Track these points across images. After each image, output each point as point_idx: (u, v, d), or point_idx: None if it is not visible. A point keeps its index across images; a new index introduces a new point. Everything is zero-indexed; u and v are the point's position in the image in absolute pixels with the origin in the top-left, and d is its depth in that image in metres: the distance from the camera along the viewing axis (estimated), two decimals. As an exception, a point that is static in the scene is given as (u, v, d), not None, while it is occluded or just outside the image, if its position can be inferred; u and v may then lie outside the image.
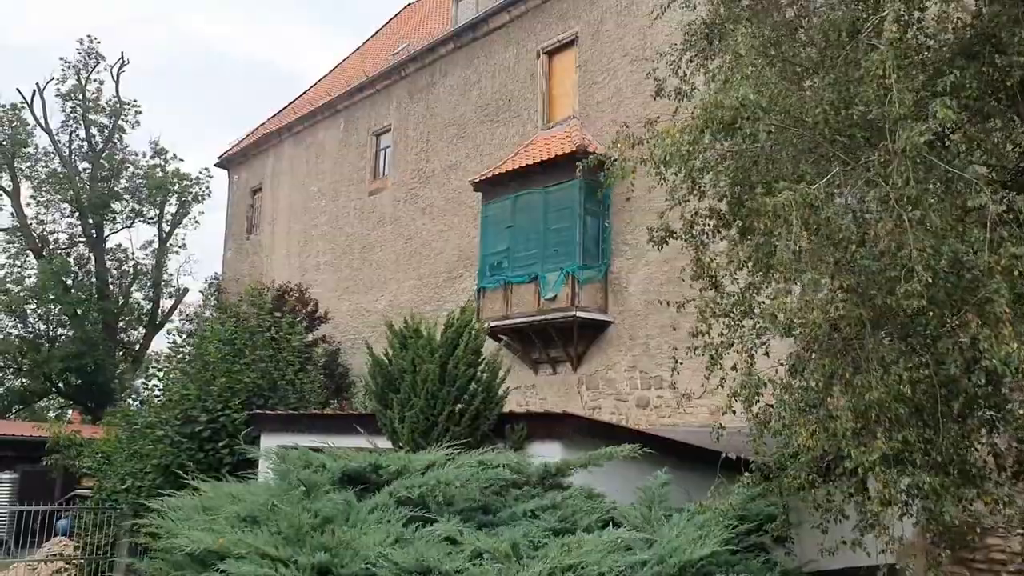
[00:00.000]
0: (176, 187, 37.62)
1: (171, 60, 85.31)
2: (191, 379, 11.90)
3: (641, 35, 19.12)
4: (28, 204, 35.28)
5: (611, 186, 9.30)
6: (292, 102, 35.46)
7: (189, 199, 38.16)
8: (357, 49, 35.72)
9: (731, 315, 9.87)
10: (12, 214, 34.98)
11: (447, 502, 6.55)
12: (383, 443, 8.84)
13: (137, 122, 37.06)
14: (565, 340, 19.28)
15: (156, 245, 37.73)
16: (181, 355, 13.04)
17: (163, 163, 37.93)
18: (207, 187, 38.39)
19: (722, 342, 10.04)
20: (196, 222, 39.54)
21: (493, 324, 20.20)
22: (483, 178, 21.12)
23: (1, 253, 34.68)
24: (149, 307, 37.57)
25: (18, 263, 34.70)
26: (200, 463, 11.00)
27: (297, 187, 31.15)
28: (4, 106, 34.05)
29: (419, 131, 25.54)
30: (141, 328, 37.34)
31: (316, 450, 9.80)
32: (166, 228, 38.07)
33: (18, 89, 50.82)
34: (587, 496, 7.48)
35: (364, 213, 27.45)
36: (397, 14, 35.71)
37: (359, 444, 9.91)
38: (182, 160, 48.95)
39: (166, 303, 37.76)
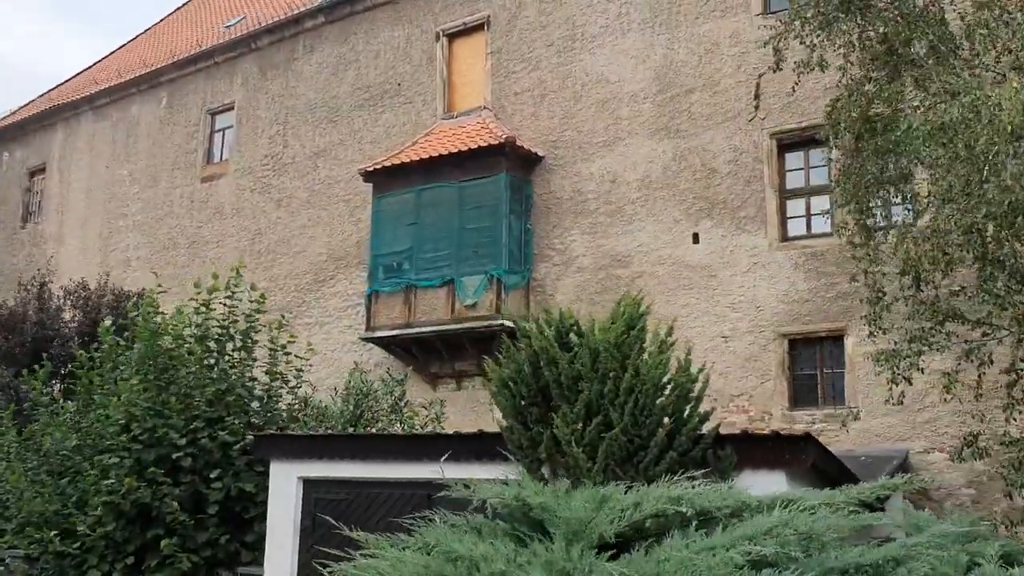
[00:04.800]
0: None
1: None
2: (152, 387, 8.68)
3: (570, 25, 17.78)
4: None
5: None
6: (86, 69, 30.51)
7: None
8: (165, 18, 31.35)
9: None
10: None
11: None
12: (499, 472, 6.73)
13: None
14: (479, 352, 17.30)
15: None
16: (116, 356, 9.65)
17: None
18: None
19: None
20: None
21: (390, 333, 17.93)
22: (377, 167, 18.73)
23: None
24: None
25: None
26: (174, 500, 8.00)
27: (99, 169, 26.56)
28: None
29: (274, 112, 22.48)
30: None
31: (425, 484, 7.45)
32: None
33: None
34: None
35: (195, 203, 23.77)
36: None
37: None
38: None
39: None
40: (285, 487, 8.01)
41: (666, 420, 6.33)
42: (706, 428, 6.43)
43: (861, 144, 9.64)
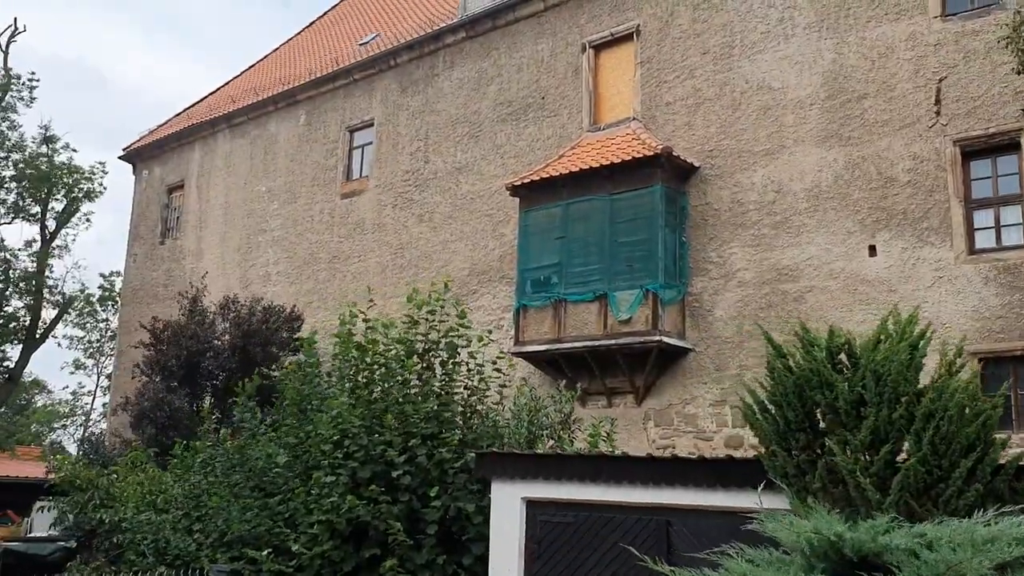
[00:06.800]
0: (66, 180, 32.37)
1: None
2: (362, 403, 8.51)
3: (727, 32, 17.23)
4: None
5: None
6: (221, 88, 31.38)
7: (79, 195, 32.95)
8: (295, 37, 32.00)
9: None
10: None
11: None
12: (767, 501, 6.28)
13: (33, 98, 31.52)
14: (632, 369, 16.88)
15: (38, 246, 32.22)
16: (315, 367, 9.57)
17: (50, 152, 32.59)
18: (100, 183, 33.35)
19: None
20: (87, 221, 34.17)
21: (540, 348, 17.62)
22: (523, 182, 18.50)
23: None
24: (27, 318, 31.90)
25: None
26: (392, 519, 7.76)
27: (237, 186, 27.20)
28: None
29: (414, 128, 22.56)
30: (16, 342, 31.65)
31: (663, 509, 7.05)
32: (51, 227, 32.66)
33: None
34: None
35: (335, 218, 24.04)
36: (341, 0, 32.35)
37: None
38: (75, 151, 42.44)
39: (47, 314, 32.26)
40: (508, 508, 7.71)
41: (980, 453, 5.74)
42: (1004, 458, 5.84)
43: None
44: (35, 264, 32.04)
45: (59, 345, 36.86)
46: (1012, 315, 13.58)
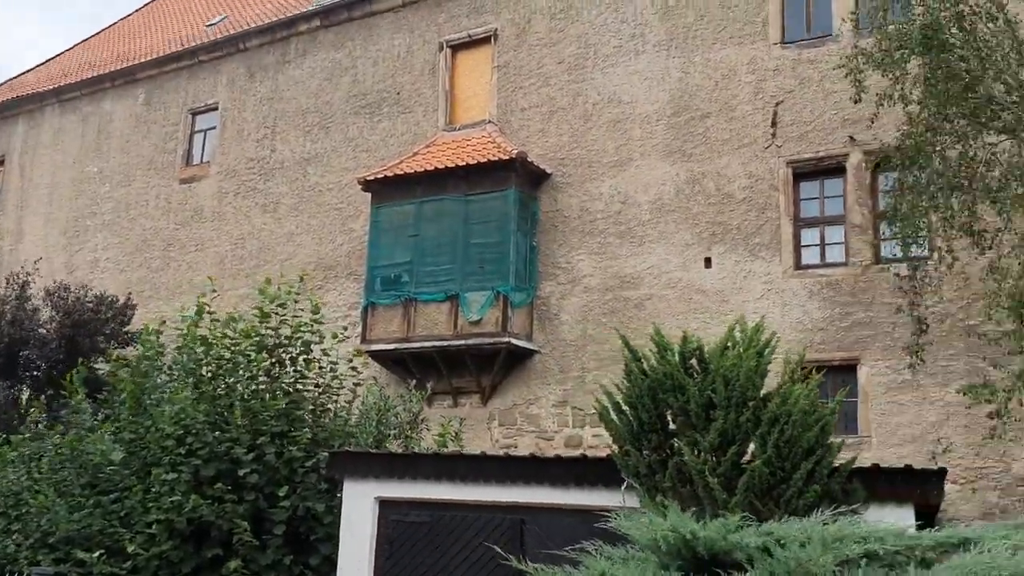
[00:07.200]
0: None
1: None
2: (205, 399, 8.10)
3: (582, 43, 17.67)
4: None
5: None
6: (51, 59, 29.33)
7: None
8: (137, 11, 30.33)
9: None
10: None
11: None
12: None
13: None
14: (480, 369, 17.02)
15: None
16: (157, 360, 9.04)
17: None
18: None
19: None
20: None
21: (387, 347, 17.48)
22: (376, 177, 18.30)
23: None
24: None
25: None
26: (238, 518, 7.45)
27: (66, 165, 25.47)
28: None
29: (261, 115, 21.86)
30: None
31: (517, 508, 7.12)
32: None
33: None
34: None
35: (172, 204, 22.94)
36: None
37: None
38: None
39: None
40: (360, 508, 7.60)
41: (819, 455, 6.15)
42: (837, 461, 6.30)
43: (923, 177, 9.72)
44: None
45: None
46: (832, 328, 14.61)
